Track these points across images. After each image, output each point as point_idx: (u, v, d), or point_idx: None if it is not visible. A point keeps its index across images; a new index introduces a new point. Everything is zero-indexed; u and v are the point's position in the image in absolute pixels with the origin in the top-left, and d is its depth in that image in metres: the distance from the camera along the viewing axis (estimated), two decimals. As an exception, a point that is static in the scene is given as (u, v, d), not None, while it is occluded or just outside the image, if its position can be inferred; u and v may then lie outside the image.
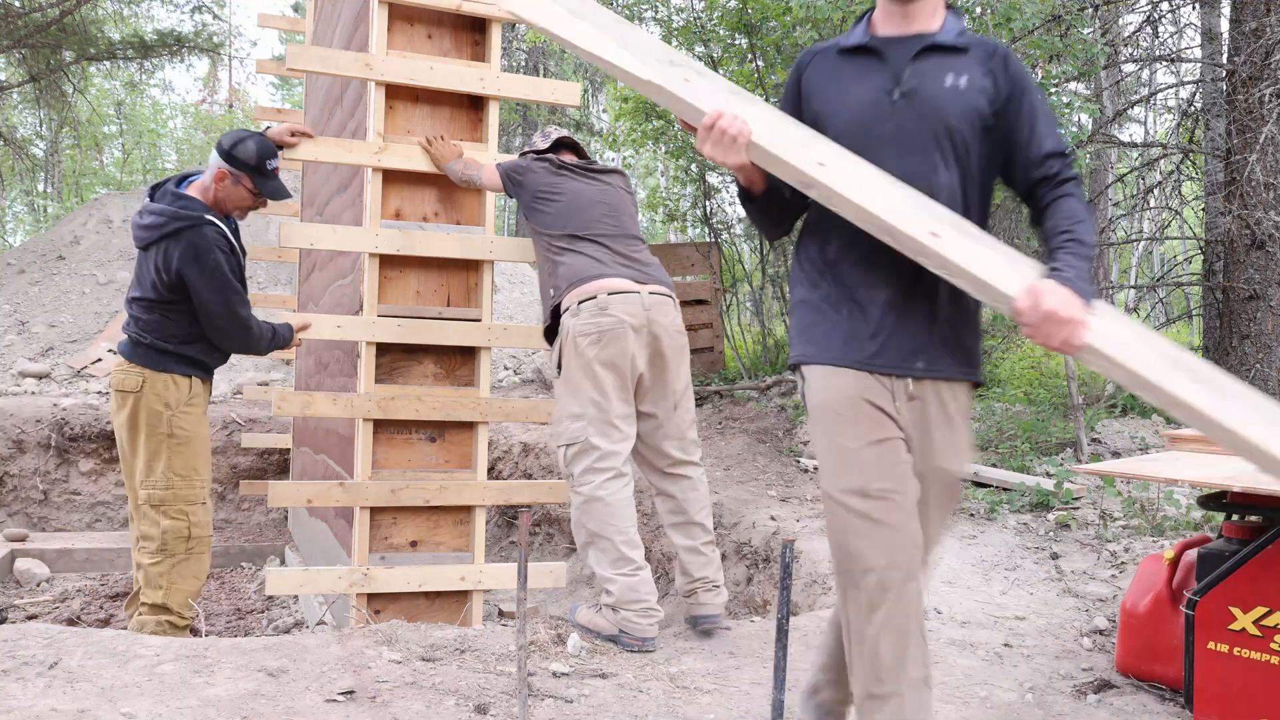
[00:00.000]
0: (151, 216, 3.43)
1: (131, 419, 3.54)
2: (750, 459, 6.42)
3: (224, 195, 3.54)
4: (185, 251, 3.39)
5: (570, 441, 3.23)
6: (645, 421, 3.34)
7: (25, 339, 9.31)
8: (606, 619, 3.14)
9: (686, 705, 2.59)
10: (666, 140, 9.17)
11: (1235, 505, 2.74)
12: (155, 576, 3.56)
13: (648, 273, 3.36)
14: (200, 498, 3.62)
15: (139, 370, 3.51)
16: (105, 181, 23.43)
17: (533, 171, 3.47)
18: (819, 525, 4.75)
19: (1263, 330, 6.18)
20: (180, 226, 3.39)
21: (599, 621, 3.16)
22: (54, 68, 12.20)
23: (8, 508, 6.92)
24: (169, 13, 15.70)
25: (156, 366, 3.51)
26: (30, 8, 10.92)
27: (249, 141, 3.51)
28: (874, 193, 1.86)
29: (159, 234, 3.41)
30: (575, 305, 3.22)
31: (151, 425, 3.52)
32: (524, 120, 20.73)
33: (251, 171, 3.51)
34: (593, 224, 3.40)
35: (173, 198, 3.47)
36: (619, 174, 3.64)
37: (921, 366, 1.96)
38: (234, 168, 3.50)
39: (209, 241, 3.42)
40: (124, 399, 3.54)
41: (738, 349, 9.90)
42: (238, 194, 3.55)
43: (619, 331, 3.18)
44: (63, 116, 16.47)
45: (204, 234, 3.41)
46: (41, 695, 2.25)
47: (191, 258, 3.39)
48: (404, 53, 3.81)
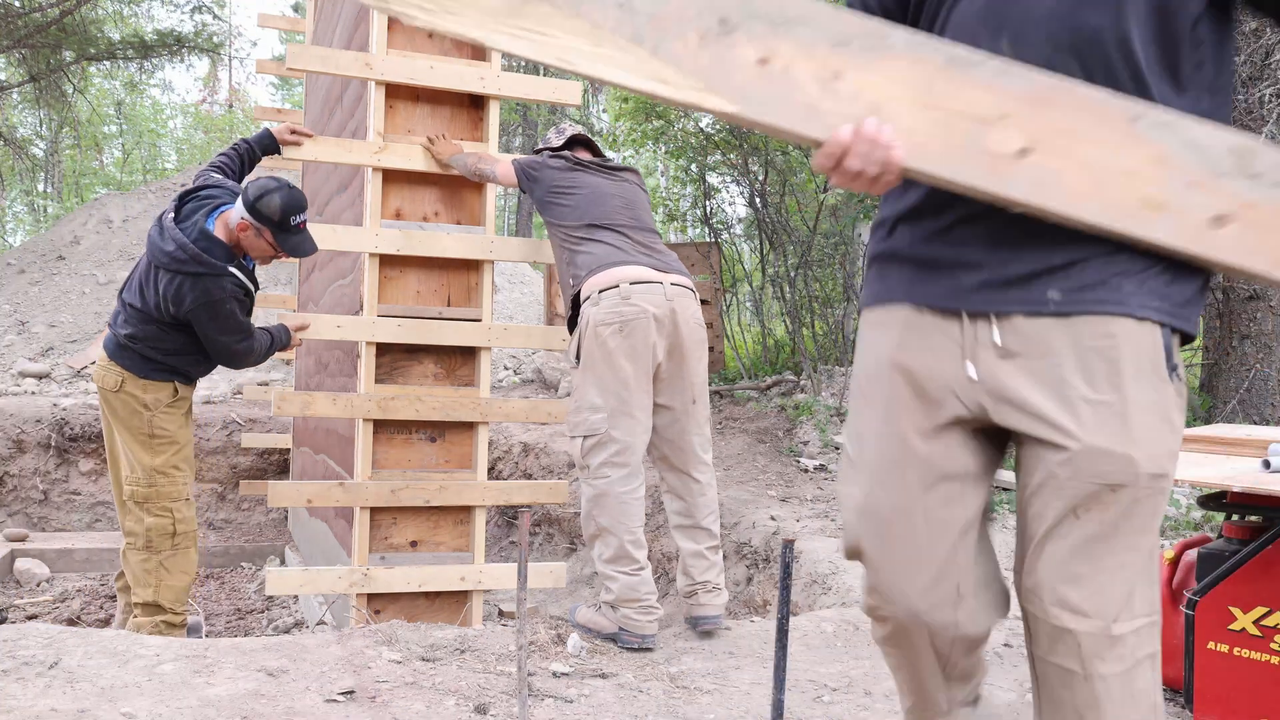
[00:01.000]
0: (174, 247, 3.34)
1: (112, 416, 3.55)
2: (750, 459, 6.43)
3: (246, 244, 3.48)
4: (200, 297, 3.35)
5: (589, 433, 3.16)
6: (661, 414, 3.27)
7: (25, 339, 9.31)
8: (606, 617, 3.14)
9: (686, 705, 2.59)
10: (666, 140, 9.17)
11: (1235, 505, 2.73)
12: (143, 575, 3.56)
13: (668, 263, 3.32)
14: (184, 494, 3.62)
15: (118, 370, 3.51)
16: (105, 181, 23.43)
17: (549, 167, 3.44)
18: (819, 525, 4.75)
19: (1263, 330, 6.18)
20: (200, 272, 3.34)
21: (599, 620, 3.16)
22: (54, 68, 12.20)
23: (8, 508, 6.92)
24: (169, 13, 15.65)
25: (138, 372, 3.51)
26: (30, 8, 10.92)
27: (274, 195, 3.37)
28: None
29: (177, 269, 3.35)
30: (596, 294, 3.15)
31: (132, 424, 3.52)
32: (524, 120, 20.74)
33: (274, 228, 3.40)
34: (611, 214, 3.36)
35: (199, 235, 3.38)
36: (633, 171, 3.63)
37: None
38: (257, 221, 3.39)
39: (226, 293, 3.38)
40: (104, 396, 3.55)
41: (738, 349, 9.90)
42: (259, 245, 3.47)
43: (642, 321, 3.11)
44: (63, 116, 16.49)
45: (222, 285, 3.36)
46: (41, 695, 2.25)
47: (205, 304, 3.36)
48: (404, 52, 3.81)
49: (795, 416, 7.20)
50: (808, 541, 4.41)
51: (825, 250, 10.49)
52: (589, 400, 3.16)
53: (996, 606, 1.50)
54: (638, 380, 3.15)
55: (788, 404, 7.52)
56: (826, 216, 10.08)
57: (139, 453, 3.53)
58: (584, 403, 3.18)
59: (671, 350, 3.22)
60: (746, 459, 6.43)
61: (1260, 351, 6.17)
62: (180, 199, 3.56)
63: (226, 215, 3.50)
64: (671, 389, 3.27)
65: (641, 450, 3.21)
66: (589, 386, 3.16)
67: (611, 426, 3.13)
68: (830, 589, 3.89)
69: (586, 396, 3.17)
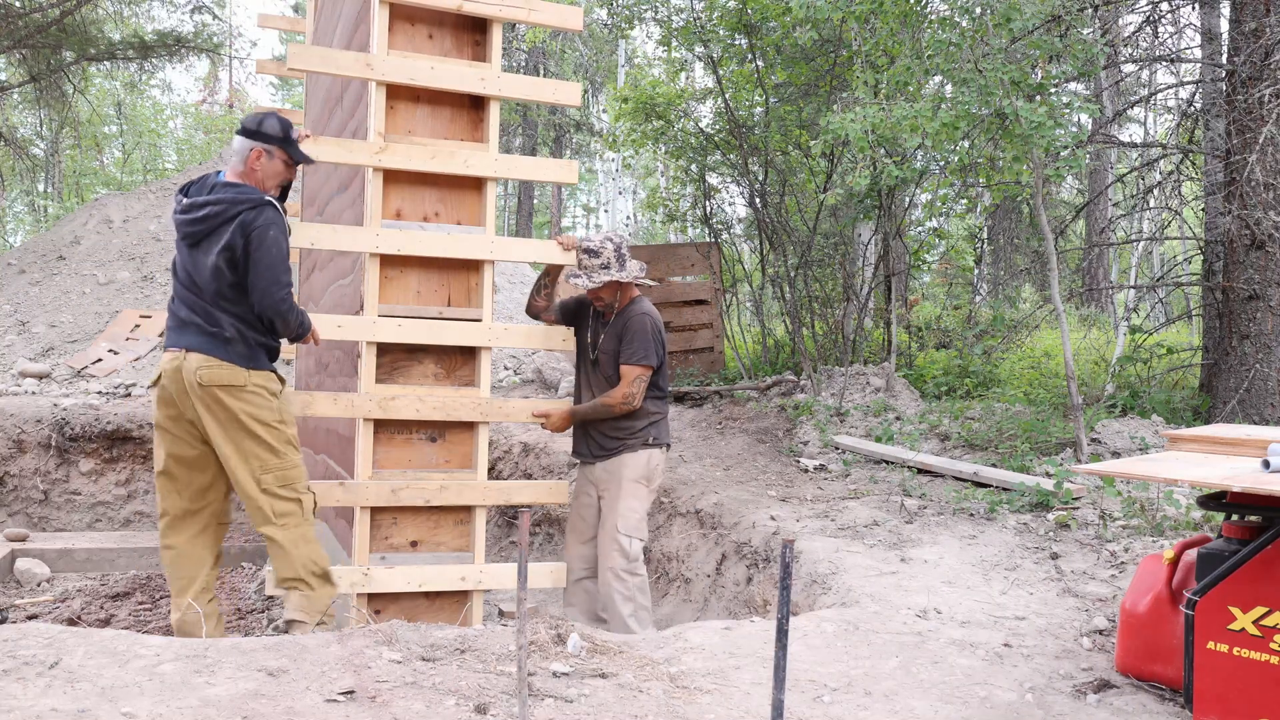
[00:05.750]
0: (210, 207, 3.48)
1: (223, 416, 3.50)
2: (750, 459, 6.43)
3: (263, 172, 3.60)
4: (260, 227, 3.45)
5: (643, 539, 4.17)
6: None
7: (25, 339, 9.31)
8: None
9: (686, 705, 2.59)
10: (666, 140, 9.17)
11: (1235, 505, 2.74)
12: (306, 546, 3.56)
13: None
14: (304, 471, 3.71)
15: (234, 367, 3.51)
16: (105, 181, 23.43)
17: (664, 340, 4.23)
18: (819, 525, 4.75)
19: (1263, 330, 6.18)
20: (246, 207, 3.47)
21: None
22: (54, 68, 12.21)
23: (8, 508, 6.92)
24: (169, 13, 15.65)
25: (257, 364, 3.55)
26: (30, 8, 10.92)
27: (270, 118, 3.64)
28: None
29: (222, 218, 3.46)
30: (664, 446, 4.26)
31: (262, 415, 3.52)
32: (524, 120, 20.73)
33: (282, 142, 3.61)
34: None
35: (224, 187, 3.54)
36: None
37: None
38: (266, 143, 3.59)
39: (275, 219, 3.50)
40: (215, 397, 3.49)
41: (738, 349, 9.90)
42: (274, 167, 3.62)
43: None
44: (63, 116, 16.48)
45: (269, 214, 3.49)
46: (42, 695, 2.25)
47: (263, 232, 3.46)
48: (405, 53, 3.81)
49: (795, 416, 7.20)
50: (808, 541, 4.41)
51: (825, 250, 10.50)
52: (645, 511, 4.21)
53: None
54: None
55: (788, 404, 7.52)
56: (826, 216, 10.09)
57: (267, 441, 3.53)
58: (644, 511, 4.20)
59: None
60: (746, 459, 6.43)
61: (1260, 351, 6.17)
62: (184, 188, 3.65)
63: (232, 164, 3.63)
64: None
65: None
66: (645, 501, 4.20)
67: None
68: (830, 589, 3.90)
69: (646, 507, 4.22)
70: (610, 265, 4.07)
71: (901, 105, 5.68)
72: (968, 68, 5.56)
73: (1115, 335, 9.57)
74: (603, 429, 4.18)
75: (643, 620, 4.07)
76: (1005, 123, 5.59)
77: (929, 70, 5.96)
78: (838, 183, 9.18)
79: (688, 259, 9.54)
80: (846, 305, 9.03)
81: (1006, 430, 6.20)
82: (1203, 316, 7.28)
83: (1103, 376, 7.83)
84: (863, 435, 6.68)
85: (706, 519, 5.28)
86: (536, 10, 3.89)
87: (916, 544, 4.37)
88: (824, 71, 8.37)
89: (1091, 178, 13.38)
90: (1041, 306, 8.74)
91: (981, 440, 6.14)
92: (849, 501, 5.22)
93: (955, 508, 4.90)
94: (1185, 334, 11.07)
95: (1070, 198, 15.32)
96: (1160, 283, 8.97)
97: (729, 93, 8.83)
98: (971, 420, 6.62)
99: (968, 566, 4.05)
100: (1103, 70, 7.42)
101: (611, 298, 4.17)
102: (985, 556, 4.17)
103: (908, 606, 3.57)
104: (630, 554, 4.09)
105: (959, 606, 3.59)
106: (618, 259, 4.09)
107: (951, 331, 10.30)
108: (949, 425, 6.57)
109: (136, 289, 10.23)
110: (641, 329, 4.10)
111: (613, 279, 4.06)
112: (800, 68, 8.42)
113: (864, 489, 5.48)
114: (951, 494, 5.15)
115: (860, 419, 7.02)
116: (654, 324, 4.14)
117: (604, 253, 4.06)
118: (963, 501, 4.97)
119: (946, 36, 5.79)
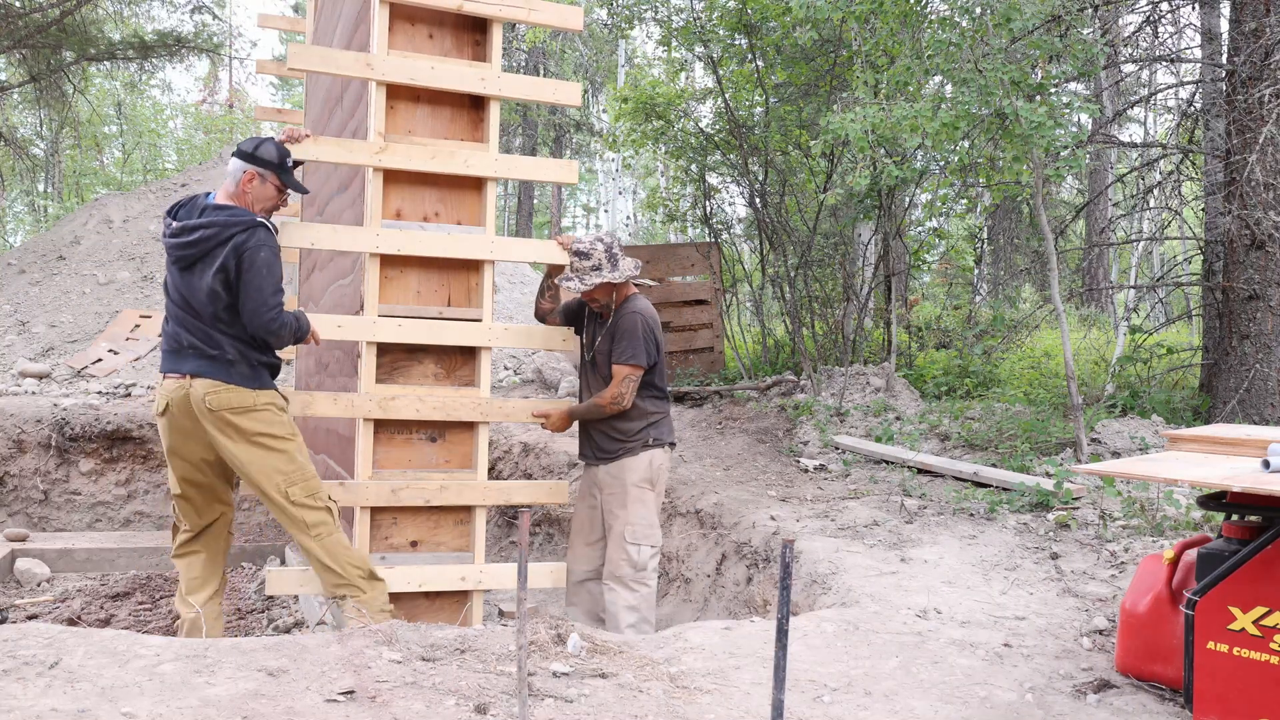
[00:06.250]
0: (202, 230, 3.50)
1: (238, 437, 3.54)
2: (750, 459, 6.43)
3: (254, 195, 3.63)
4: (251, 248, 3.47)
5: (654, 545, 4.15)
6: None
7: (25, 339, 9.31)
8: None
9: (686, 705, 2.59)
10: (666, 140, 9.17)
11: (1235, 505, 2.74)
12: (344, 550, 3.60)
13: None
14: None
15: (241, 390, 3.55)
16: (105, 181, 23.43)
17: (659, 339, 4.20)
18: (819, 525, 4.75)
19: (1263, 330, 6.18)
20: (239, 229, 3.49)
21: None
22: (54, 68, 12.20)
23: (8, 508, 6.92)
24: (169, 13, 15.64)
25: (256, 384, 3.58)
26: (30, 8, 10.92)
27: (268, 143, 3.68)
28: None
29: (215, 241, 3.48)
30: (666, 445, 4.23)
31: (275, 431, 3.57)
32: (524, 120, 20.73)
33: (276, 169, 3.63)
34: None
35: (215, 209, 3.57)
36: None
37: None
38: (260, 168, 3.61)
39: (266, 240, 3.53)
40: (227, 420, 3.52)
41: (738, 349, 9.90)
42: (266, 192, 3.65)
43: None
44: (63, 116, 16.48)
45: (260, 235, 3.51)
46: (42, 695, 2.25)
47: (254, 253, 3.48)
48: (405, 53, 3.81)
49: (795, 416, 7.20)
50: (808, 541, 4.41)
51: (825, 250, 10.50)
52: (655, 519, 4.18)
53: None
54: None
55: (788, 404, 7.52)
56: (826, 216, 10.09)
57: (286, 452, 3.57)
58: (653, 519, 4.18)
59: None
60: (746, 459, 6.43)
61: (1260, 351, 6.17)
62: (173, 209, 3.66)
63: (224, 184, 3.66)
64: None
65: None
66: (653, 509, 4.18)
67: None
68: (830, 589, 3.90)
69: (654, 515, 4.19)
70: (602, 266, 4.05)
71: (901, 105, 5.68)
72: (968, 68, 5.56)
73: (1115, 335, 9.57)
74: (603, 431, 4.17)
75: (643, 633, 4.05)
76: (1005, 123, 5.59)
77: (929, 70, 5.96)
78: (838, 183, 9.18)
79: (688, 259, 9.54)
80: (846, 305, 9.03)
81: (1006, 430, 6.20)
82: (1203, 316, 7.28)
83: (1103, 376, 7.83)
84: (863, 435, 6.68)
85: (706, 519, 5.28)
86: (536, 10, 3.89)
87: (916, 544, 4.37)
88: (824, 71, 8.37)
89: (1091, 178, 13.37)
90: (1041, 306, 8.74)
91: (981, 440, 6.14)
92: (849, 501, 5.22)
93: (955, 508, 4.90)
94: (1185, 334, 11.07)
95: (1070, 198, 15.32)
96: (1160, 283, 8.97)
97: (729, 93, 8.83)
98: (971, 420, 6.62)
99: (968, 566, 4.05)
100: (1103, 70, 7.42)
101: (606, 299, 4.15)
102: (985, 556, 4.17)
103: (908, 606, 3.57)
104: (638, 563, 4.08)
105: (959, 606, 3.59)
106: (609, 259, 4.07)
107: (951, 331, 10.30)
108: (949, 425, 6.57)
109: (136, 289, 10.23)
110: (631, 328, 4.08)
111: (605, 280, 4.04)
112: (800, 68, 8.42)
113: (864, 489, 5.48)
114: (951, 494, 5.15)
115: (860, 419, 7.02)
116: (645, 322, 4.11)
117: (594, 254, 4.05)
118: (963, 501, 4.97)
119: (946, 36, 5.79)
